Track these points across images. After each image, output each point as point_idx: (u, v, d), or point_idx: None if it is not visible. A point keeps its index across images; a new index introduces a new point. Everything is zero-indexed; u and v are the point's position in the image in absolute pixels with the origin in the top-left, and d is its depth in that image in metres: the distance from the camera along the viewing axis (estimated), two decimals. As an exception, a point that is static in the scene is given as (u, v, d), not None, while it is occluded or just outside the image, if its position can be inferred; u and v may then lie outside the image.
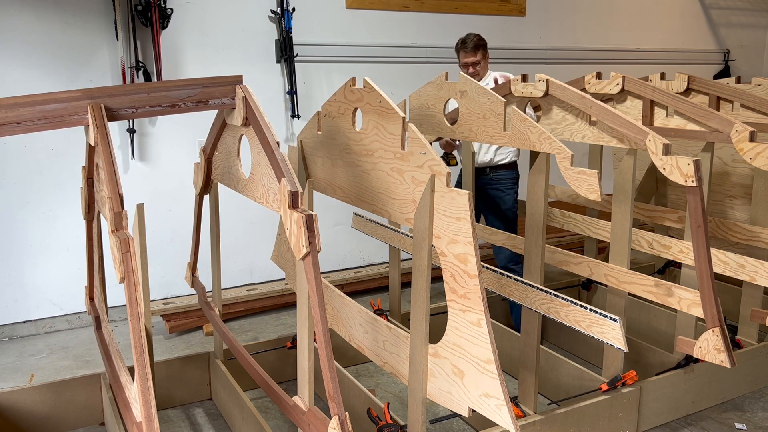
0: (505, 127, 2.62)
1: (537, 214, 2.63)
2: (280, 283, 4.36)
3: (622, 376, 2.78)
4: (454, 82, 2.86)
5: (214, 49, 4.09)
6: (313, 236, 1.71)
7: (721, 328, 2.41)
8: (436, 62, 4.82)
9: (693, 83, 3.37)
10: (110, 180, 1.77)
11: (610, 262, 2.81)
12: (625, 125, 2.52)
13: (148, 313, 2.45)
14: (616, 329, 2.39)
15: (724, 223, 3.32)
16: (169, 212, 4.11)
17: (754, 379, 3.23)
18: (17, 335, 3.90)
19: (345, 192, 2.44)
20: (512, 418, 1.88)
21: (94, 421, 2.92)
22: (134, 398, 1.76)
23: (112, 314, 4.07)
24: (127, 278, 1.65)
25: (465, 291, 1.93)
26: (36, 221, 3.83)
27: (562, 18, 5.41)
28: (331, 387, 1.77)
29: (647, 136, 2.44)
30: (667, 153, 2.40)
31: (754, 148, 2.78)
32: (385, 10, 4.63)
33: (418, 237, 2.05)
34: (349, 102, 2.35)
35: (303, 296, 2.05)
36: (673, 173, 2.38)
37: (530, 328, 2.73)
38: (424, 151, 1.99)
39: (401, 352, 2.22)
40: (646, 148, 2.45)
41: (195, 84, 2.10)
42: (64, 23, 3.71)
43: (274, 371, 3.04)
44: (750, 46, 6.69)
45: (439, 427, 2.91)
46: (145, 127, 3.99)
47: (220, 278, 2.98)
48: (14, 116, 1.87)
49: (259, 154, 2.00)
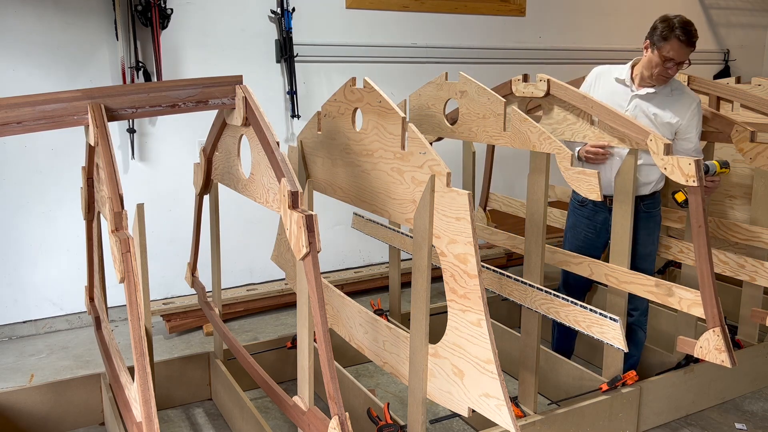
0: (505, 127, 2.62)
1: (537, 214, 2.63)
2: (280, 283, 4.36)
3: (622, 376, 2.78)
4: (454, 82, 2.86)
5: (214, 49, 4.09)
6: (313, 236, 1.71)
7: (722, 328, 2.41)
8: (436, 62, 4.82)
9: (693, 83, 3.37)
10: (110, 180, 1.77)
11: (611, 262, 2.81)
12: (626, 125, 2.52)
13: (148, 313, 2.45)
14: (616, 329, 2.39)
15: (724, 223, 3.32)
16: (169, 212, 4.11)
17: (754, 379, 3.23)
18: (17, 335, 3.90)
19: (345, 192, 2.44)
20: (512, 418, 1.88)
21: (94, 421, 2.92)
22: (134, 398, 1.76)
23: (112, 314, 4.07)
24: (127, 278, 1.65)
25: (465, 291, 1.93)
26: (36, 221, 3.83)
27: (562, 18, 5.41)
28: (331, 387, 1.77)
29: (648, 136, 2.44)
30: (668, 153, 2.40)
31: (754, 148, 2.79)
32: (385, 10, 4.63)
33: (418, 237, 2.05)
34: (349, 102, 2.34)
35: (303, 296, 2.05)
36: (674, 173, 2.38)
37: (530, 328, 2.73)
38: (424, 151, 1.99)
39: (401, 352, 2.22)
40: (647, 148, 2.45)
41: (195, 84, 2.10)
42: (64, 23, 3.71)
43: (274, 371, 3.04)
44: (750, 46, 6.69)
45: (439, 427, 2.91)
46: (145, 127, 3.99)
47: (220, 278, 2.98)
48: (14, 116, 1.87)
49: (259, 154, 2.00)
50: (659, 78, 2.77)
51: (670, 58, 2.69)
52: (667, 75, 2.75)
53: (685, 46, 2.67)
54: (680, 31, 2.65)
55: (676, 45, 2.67)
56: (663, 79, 2.78)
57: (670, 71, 2.73)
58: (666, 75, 2.75)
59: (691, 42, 2.68)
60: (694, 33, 2.69)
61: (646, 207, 2.91)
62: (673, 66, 2.71)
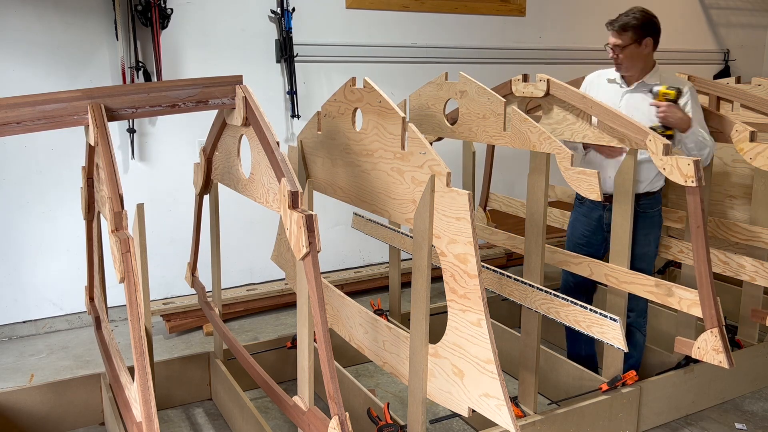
0: (505, 127, 2.62)
1: (537, 214, 2.63)
2: (280, 283, 4.36)
3: (622, 376, 2.78)
4: (454, 82, 2.86)
5: (214, 49, 4.09)
6: (313, 236, 1.71)
7: (720, 329, 2.41)
8: (436, 62, 4.82)
9: (693, 83, 3.37)
10: (110, 180, 1.77)
11: (611, 262, 2.81)
12: (625, 125, 2.52)
13: (148, 313, 2.45)
14: (616, 329, 2.39)
15: (724, 223, 3.32)
16: (169, 212, 4.11)
17: (754, 379, 3.23)
18: (17, 335, 3.90)
19: (345, 192, 2.44)
20: (512, 418, 1.88)
21: (94, 421, 2.92)
22: (134, 398, 1.76)
23: (112, 314, 4.07)
24: (127, 278, 1.65)
25: (465, 291, 1.93)
26: (36, 221, 3.83)
27: (562, 18, 5.41)
28: (331, 387, 1.77)
29: (647, 137, 2.44)
30: (667, 153, 2.40)
31: (754, 148, 2.78)
32: (385, 10, 4.63)
33: (418, 237, 2.05)
34: (349, 102, 2.35)
35: (303, 296, 2.05)
36: (673, 173, 2.38)
37: (530, 328, 2.73)
38: (424, 151, 1.99)
39: (401, 352, 2.22)
40: (647, 148, 2.45)
41: (195, 84, 2.10)
42: (64, 23, 3.71)
43: (274, 371, 3.04)
44: (750, 46, 6.69)
45: (439, 427, 2.91)
46: (145, 127, 3.99)
47: (220, 278, 2.98)
48: (14, 116, 1.88)
49: (259, 154, 2.00)
50: (615, 67, 2.95)
51: (609, 45, 2.90)
52: (615, 62, 2.91)
53: (613, 30, 2.87)
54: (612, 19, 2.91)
55: (609, 31, 2.91)
56: (618, 67, 2.93)
57: (614, 58, 2.90)
58: (615, 62, 2.92)
59: (614, 26, 2.87)
60: (620, 18, 2.86)
61: (642, 207, 2.91)
62: (611, 52, 2.89)
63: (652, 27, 2.86)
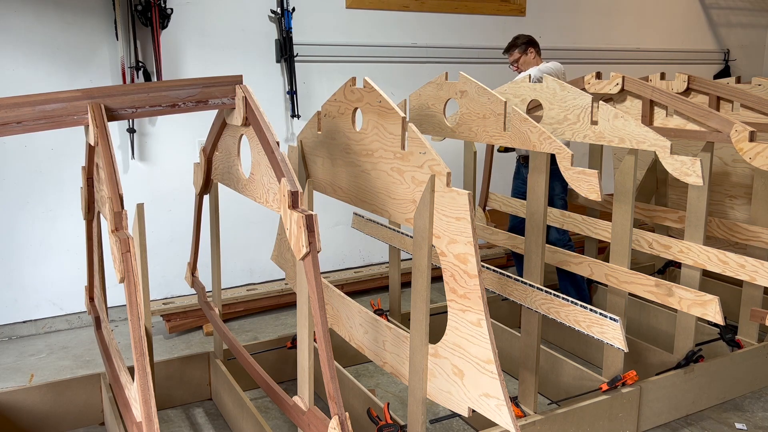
0: (505, 127, 2.62)
1: (537, 214, 2.63)
2: (280, 283, 4.36)
3: (622, 376, 2.78)
4: (454, 82, 2.86)
5: (214, 49, 4.09)
6: (313, 236, 1.71)
7: None
8: (436, 62, 4.82)
9: (693, 83, 3.37)
10: (110, 180, 1.77)
11: (611, 262, 2.81)
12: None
13: (148, 313, 2.45)
14: (616, 329, 2.39)
15: (724, 223, 3.32)
16: (169, 212, 4.11)
17: (754, 379, 3.23)
18: (17, 335, 3.91)
19: (345, 192, 2.44)
20: (512, 418, 1.88)
21: (94, 421, 2.92)
22: (134, 398, 1.76)
23: (112, 314, 4.07)
24: (127, 278, 1.65)
25: (465, 291, 1.93)
26: (36, 221, 3.83)
27: (562, 18, 5.41)
28: (331, 387, 1.77)
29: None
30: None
31: (754, 148, 2.78)
32: (385, 10, 4.63)
33: (418, 237, 2.05)
34: (349, 102, 2.35)
35: (303, 296, 2.05)
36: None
37: (530, 328, 2.73)
38: (424, 151, 1.99)
39: (401, 352, 2.22)
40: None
41: (195, 84, 2.10)
42: (64, 23, 3.71)
43: (274, 371, 3.04)
44: (750, 46, 6.69)
45: (439, 427, 2.91)
46: (145, 127, 3.99)
47: (220, 278, 2.98)
48: (14, 116, 1.88)
49: (259, 154, 2.00)
50: None
51: None
52: None
53: (507, 52, 3.98)
54: None
55: None
56: None
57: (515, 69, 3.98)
58: None
59: (506, 49, 3.99)
60: (509, 44, 3.95)
61: None
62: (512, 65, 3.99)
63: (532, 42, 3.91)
